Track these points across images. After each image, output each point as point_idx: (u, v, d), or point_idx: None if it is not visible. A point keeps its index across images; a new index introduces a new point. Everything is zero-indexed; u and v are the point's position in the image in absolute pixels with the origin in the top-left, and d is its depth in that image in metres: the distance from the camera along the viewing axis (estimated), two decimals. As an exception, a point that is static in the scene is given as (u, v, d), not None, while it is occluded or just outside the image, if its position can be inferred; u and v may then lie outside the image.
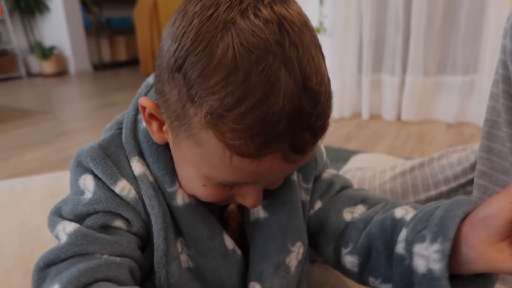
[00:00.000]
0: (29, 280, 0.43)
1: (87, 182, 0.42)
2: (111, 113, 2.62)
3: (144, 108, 0.40)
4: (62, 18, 4.43)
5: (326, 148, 0.54)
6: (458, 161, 0.74)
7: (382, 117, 2.22)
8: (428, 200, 0.69)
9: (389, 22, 2.08)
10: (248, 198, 0.40)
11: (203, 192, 0.40)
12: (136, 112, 0.46)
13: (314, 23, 2.15)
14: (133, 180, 0.42)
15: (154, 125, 0.40)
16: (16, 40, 4.37)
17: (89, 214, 0.41)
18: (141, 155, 0.44)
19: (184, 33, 0.33)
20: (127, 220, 0.42)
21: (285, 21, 0.32)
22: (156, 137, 0.41)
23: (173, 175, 0.43)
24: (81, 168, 0.43)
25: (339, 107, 2.22)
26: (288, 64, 0.31)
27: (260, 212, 0.47)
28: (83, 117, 2.69)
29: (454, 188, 0.69)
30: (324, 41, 2.16)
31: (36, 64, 4.50)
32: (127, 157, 0.43)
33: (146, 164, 0.44)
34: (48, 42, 4.54)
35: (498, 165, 0.53)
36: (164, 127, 0.39)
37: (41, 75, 4.49)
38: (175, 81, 0.34)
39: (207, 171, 0.37)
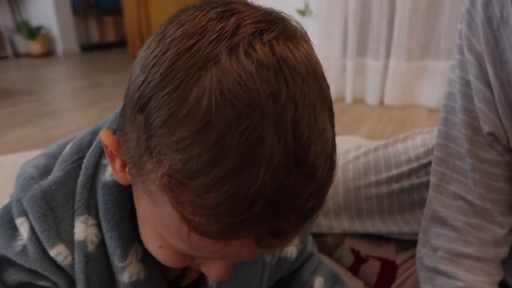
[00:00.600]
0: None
1: (23, 229, 0.37)
2: (96, 95, 2.60)
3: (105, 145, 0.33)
4: (49, -3, 4.34)
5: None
6: (422, 142, 0.75)
7: (365, 101, 2.23)
8: (389, 179, 0.71)
9: (374, 6, 2.07)
10: (214, 270, 0.33)
11: (160, 254, 0.33)
12: (102, 152, 0.38)
13: (300, 5, 2.14)
14: (73, 244, 0.37)
15: (117, 163, 0.33)
16: (2, 19, 4.29)
17: (16, 264, 0.38)
18: (93, 211, 0.38)
19: (154, 64, 0.26)
20: (53, 282, 0.38)
21: (286, 67, 0.25)
22: (119, 177, 0.34)
23: (127, 249, 0.37)
24: (21, 206, 0.38)
25: (324, 91, 2.22)
26: (280, 127, 0.24)
27: (210, 279, 0.43)
28: (68, 98, 2.67)
29: (415, 168, 0.70)
30: (310, 24, 2.15)
31: (23, 44, 4.42)
32: (74, 212, 0.37)
33: (98, 223, 0.38)
34: (35, 21, 4.46)
35: (454, 151, 0.54)
36: (127, 168, 0.32)
37: (28, 55, 4.41)
38: (136, 123, 0.27)
39: (164, 234, 0.30)
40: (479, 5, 0.49)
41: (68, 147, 0.41)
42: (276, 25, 0.27)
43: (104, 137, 0.32)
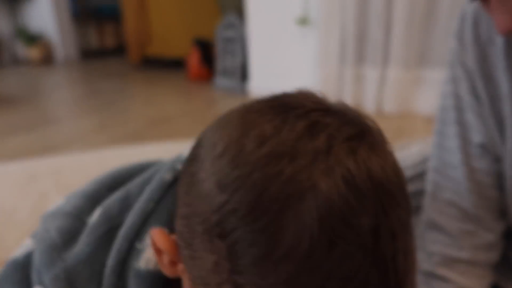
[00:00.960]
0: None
1: None
2: (96, 102, 2.62)
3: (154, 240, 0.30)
4: (48, 3, 4.36)
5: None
6: (418, 151, 0.78)
7: (363, 110, 2.26)
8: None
9: (372, 16, 2.11)
10: None
11: None
12: (135, 236, 0.35)
13: (298, 14, 2.17)
14: None
15: (166, 258, 0.31)
16: (1, 25, 4.31)
17: None
18: None
19: (237, 188, 0.23)
20: None
21: (382, 193, 0.23)
22: (167, 271, 0.32)
23: None
24: (42, 277, 0.36)
25: (322, 99, 2.25)
26: (381, 266, 0.23)
27: None
28: (68, 105, 2.68)
29: (412, 176, 0.73)
30: (308, 33, 2.19)
31: (21, 50, 4.44)
32: None
33: None
34: (33, 28, 4.48)
35: (448, 161, 0.57)
36: (180, 268, 0.30)
37: (26, 61, 4.43)
38: (213, 247, 0.24)
39: None
40: (469, 24, 0.52)
41: (95, 215, 0.38)
42: (364, 139, 0.25)
43: (158, 238, 0.30)
